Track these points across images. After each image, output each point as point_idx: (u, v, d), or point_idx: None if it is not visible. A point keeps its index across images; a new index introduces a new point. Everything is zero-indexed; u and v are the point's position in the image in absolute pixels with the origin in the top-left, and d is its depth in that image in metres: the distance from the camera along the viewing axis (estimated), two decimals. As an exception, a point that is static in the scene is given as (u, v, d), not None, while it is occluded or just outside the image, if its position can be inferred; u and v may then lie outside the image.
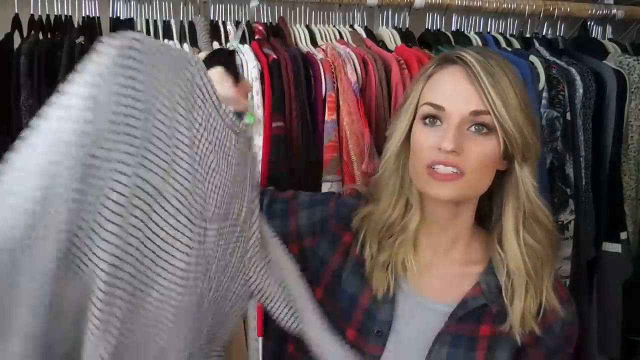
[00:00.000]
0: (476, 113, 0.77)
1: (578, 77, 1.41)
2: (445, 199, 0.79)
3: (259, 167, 1.16)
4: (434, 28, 1.54)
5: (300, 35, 1.37)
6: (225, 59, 0.73)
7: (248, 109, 0.73)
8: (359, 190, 0.96)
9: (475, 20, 1.57)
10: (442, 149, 0.76)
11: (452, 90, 0.79)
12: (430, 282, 0.86)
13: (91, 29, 1.25)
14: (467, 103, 0.77)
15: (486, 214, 0.89)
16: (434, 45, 1.46)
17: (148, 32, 1.29)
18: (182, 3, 1.36)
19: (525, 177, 0.81)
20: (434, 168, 0.77)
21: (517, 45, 1.54)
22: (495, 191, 0.85)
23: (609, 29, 1.70)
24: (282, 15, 1.41)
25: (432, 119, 0.80)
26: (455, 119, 0.77)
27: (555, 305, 0.81)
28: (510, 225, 0.82)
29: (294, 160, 1.19)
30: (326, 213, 0.92)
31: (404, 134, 0.83)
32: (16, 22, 1.22)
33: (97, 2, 1.28)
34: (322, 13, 1.45)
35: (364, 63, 1.26)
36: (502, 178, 0.84)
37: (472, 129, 0.78)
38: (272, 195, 0.95)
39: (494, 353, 0.82)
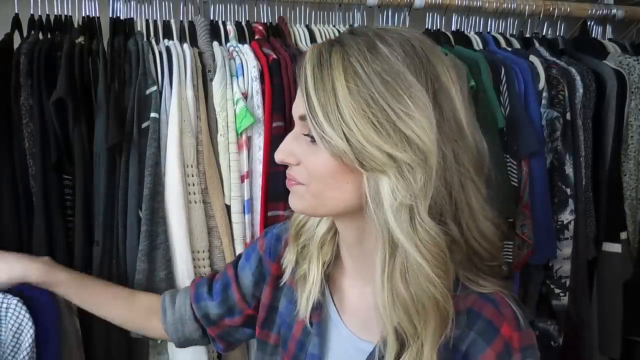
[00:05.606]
0: (302, 118, 0.66)
1: (578, 77, 1.41)
2: (296, 211, 0.71)
3: (260, 166, 1.16)
4: (434, 28, 1.54)
5: (300, 35, 1.37)
6: None
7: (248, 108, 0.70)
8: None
9: (475, 20, 1.57)
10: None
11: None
12: (360, 315, 0.75)
13: (91, 29, 1.24)
14: (296, 107, 0.67)
15: None
16: (433, 45, 1.46)
17: (148, 32, 1.28)
18: (182, 3, 1.35)
19: (377, 194, 0.61)
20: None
21: (517, 45, 1.54)
22: None
23: (609, 29, 1.70)
24: (282, 15, 1.41)
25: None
26: (295, 126, 0.69)
27: None
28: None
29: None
30: (258, 255, 0.86)
31: None
32: (16, 22, 1.21)
33: (97, 2, 1.28)
34: (322, 13, 1.45)
35: (364, 63, 1.25)
36: None
37: (308, 136, 0.66)
38: (208, 279, 0.92)
39: None
